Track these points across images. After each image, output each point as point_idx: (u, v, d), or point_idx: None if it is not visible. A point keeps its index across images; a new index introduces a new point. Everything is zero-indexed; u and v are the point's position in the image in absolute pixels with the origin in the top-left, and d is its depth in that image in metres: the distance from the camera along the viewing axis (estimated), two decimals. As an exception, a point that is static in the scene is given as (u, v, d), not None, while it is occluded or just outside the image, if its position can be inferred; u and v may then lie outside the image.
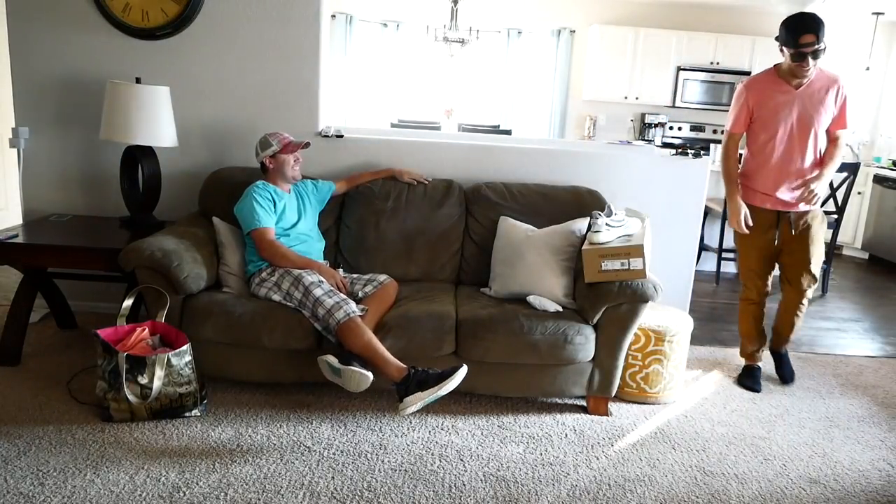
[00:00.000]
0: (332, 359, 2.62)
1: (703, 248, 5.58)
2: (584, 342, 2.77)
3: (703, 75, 7.44)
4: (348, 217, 3.37)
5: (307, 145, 3.12)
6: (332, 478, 2.35)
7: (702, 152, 4.03)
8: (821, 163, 3.13)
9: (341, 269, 3.14)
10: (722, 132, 7.59)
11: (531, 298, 2.95)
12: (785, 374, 3.41)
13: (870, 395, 3.37)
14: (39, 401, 2.74)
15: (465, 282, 3.35)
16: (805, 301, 3.28)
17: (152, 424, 2.60)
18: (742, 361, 3.47)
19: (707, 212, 5.56)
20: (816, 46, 2.92)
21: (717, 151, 6.48)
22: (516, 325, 2.75)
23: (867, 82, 7.69)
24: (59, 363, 3.09)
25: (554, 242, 3.07)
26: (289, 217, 3.08)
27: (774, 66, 3.16)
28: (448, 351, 2.77)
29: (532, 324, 2.76)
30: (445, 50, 7.13)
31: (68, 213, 3.62)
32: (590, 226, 3.13)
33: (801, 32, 2.90)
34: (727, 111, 7.89)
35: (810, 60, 2.94)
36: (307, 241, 3.10)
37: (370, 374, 2.56)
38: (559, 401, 3.04)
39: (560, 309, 2.89)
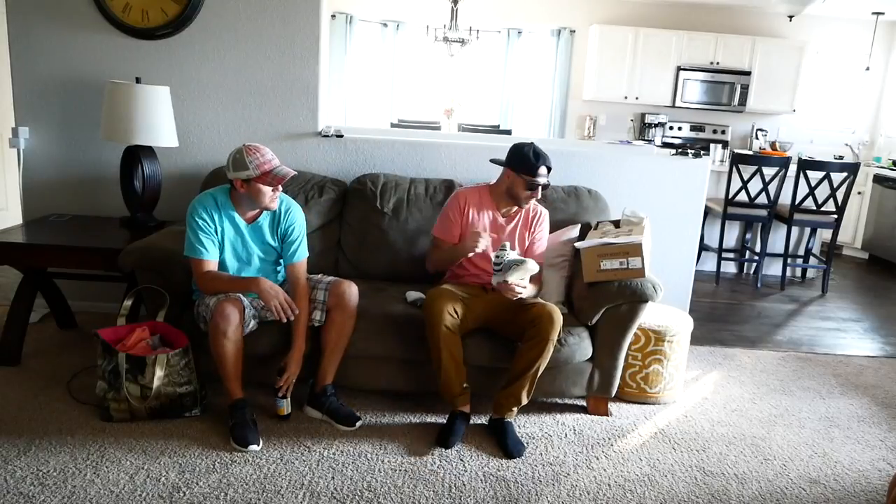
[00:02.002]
0: (312, 411, 2.74)
1: (703, 248, 5.58)
2: (579, 342, 2.76)
3: (703, 75, 7.43)
4: (350, 215, 3.36)
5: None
6: (332, 478, 2.34)
7: (702, 152, 4.03)
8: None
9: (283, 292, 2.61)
10: (722, 132, 7.68)
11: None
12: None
13: (870, 395, 3.37)
14: (39, 401, 2.74)
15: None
16: None
17: (152, 424, 2.59)
18: None
19: (707, 212, 5.57)
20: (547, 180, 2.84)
21: (716, 151, 6.49)
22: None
23: (867, 82, 7.69)
24: (59, 363, 3.09)
25: (547, 251, 3.06)
26: (237, 253, 2.69)
27: (488, 186, 2.96)
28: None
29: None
30: (445, 50, 7.12)
31: (68, 213, 3.62)
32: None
33: (541, 163, 2.78)
34: (727, 111, 7.85)
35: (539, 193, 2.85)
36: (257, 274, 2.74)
37: (355, 421, 2.69)
38: (559, 401, 3.04)
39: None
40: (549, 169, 2.84)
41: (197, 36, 3.53)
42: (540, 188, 2.84)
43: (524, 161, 2.80)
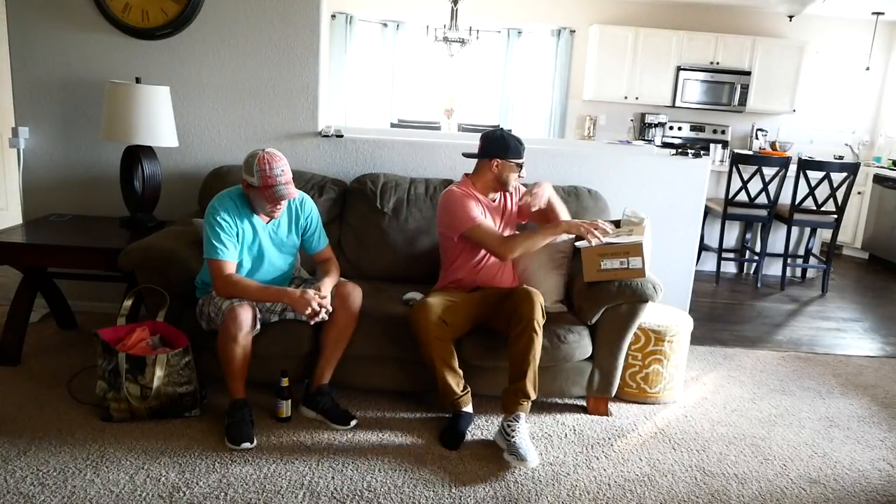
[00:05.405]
0: (307, 411, 2.74)
1: (703, 248, 5.58)
2: (579, 340, 2.76)
3: (703, 75, 7.43)
4: (350, 215, 3.36)
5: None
6: (332, 478, 2.34)
7: (702, 152, 4.03)
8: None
9: (311, 291, 2.55)
10: (722, 132, 7.68)
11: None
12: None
13: (870, 395, 3.37)
14: (39, 401, 2.74)
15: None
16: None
17: (152, 424, 2.59)
18: None
19: (707, 212, 5.57)
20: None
21: (716, 151, 6.49)
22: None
23: (867, 82, 7.69)
24: (59, 363, 3.09)
25: (546, 249, 3.05)
26: (252, 252, 2.68)
27: (469, 178, 2.97)
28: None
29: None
30: (445, 50, 7.12)
31: (68, 213, 3.62)
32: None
33: (523, 148, 2.90)
34: (727, 111, 7.83)
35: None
36: (274, 275, 2.76)
37: (350, 422, 2.69)
38: (559, 401, 3.04)
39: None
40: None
41: (197, 36, 3.53)
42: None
43: (508, 147, 2.87)
